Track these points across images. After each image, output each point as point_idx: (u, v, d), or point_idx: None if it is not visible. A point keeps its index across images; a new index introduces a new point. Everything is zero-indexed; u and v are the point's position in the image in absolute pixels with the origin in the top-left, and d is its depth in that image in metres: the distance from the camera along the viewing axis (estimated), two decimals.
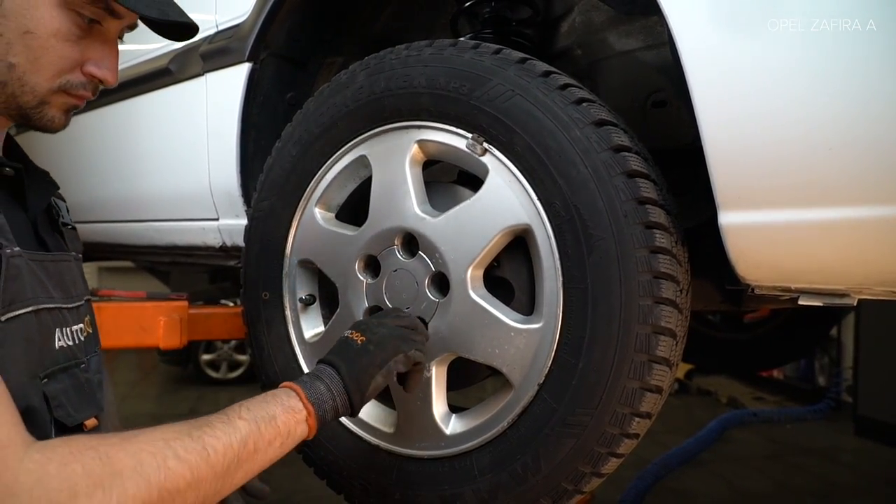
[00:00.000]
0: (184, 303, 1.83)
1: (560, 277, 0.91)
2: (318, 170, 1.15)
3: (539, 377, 0.92)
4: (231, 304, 2.18)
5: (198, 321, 1.85)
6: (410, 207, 1.03)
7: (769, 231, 0.81)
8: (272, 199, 1.21)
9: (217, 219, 1.61)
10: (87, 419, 0.86)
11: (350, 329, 0.95)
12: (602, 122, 0.91)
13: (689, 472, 3.58)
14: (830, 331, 3.82)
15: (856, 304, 0.88)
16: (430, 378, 1.02)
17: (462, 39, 1.17)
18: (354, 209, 1.17)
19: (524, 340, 0.94)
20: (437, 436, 1.03)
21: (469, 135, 0.99)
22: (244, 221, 1.37)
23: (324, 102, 1.15)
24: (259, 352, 1.24)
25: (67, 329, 0.86)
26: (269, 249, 1.22)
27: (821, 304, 0.87)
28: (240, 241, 1.39)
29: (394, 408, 1.10)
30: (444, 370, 1.04)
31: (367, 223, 1.09)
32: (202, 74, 1.54)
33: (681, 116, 1.24)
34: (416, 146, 1.05)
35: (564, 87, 0.94)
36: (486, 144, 0.97)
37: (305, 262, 1.19)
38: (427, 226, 1.01)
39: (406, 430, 1.06)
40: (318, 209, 1.16)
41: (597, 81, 1.34)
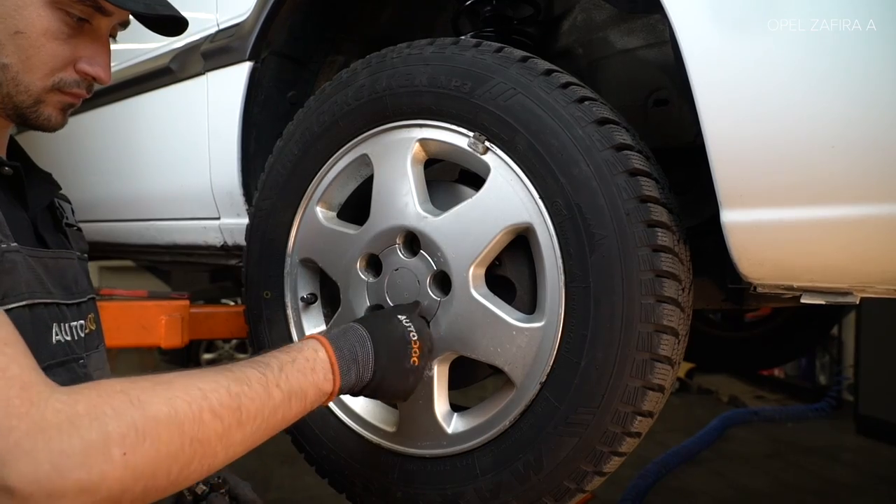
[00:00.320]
0: (185, 302, 1.83)
1: (562, 276, 0.91)
2: (320, 169, 1.15)
3: (541, 376, 0.92)
4: (232, 304, 2.18)
5: (199, 320, 1.85)
6: (412, 206, 1.03)
7: (771, 229, 0.80)
8: (273, 198, 1.21)
9: (218, 218, 1.61)
10: None
11: (393, 314, 0.96)
12: (604, 121, 0.91)
13: (690, 471, 3.57)
14: (831, 329, 3.82)
15: (858, 303, 0.88)
16: (432, 377, 1.02)
17: (463, 38, 1.16)
18: (356, 208, 1.17)
19: (526, 339, 0.94)
20: (439, 435, 1.03)
21: (471, 133, 0.99)
22: (245, 220, 1.37)
23: (325, 101, 1.15)
24: (260, 351, 1.24)
25: (66, 325, 0.86)
26: (271, 248, 1.22)
27: (823, 303, 0.87)
28: (241, 241, 1.39)
29: (395, 407, 1.10)
30: (446, 369, 1.04)
31: (369, 222, 1.09)
32: (203, 73, 1.54)
33: (682, 115, 1.24)
34: (418, 145, 1.05)
35: (566, 86, 0.94)
36: (488, 143, 0.97)
37: (307, 261, 1.19)
38: (428, 225, 1.01)
39: (408, 429, 1.06)
40: (320, 208, 1.16)
41: (598, 80, 1.34)
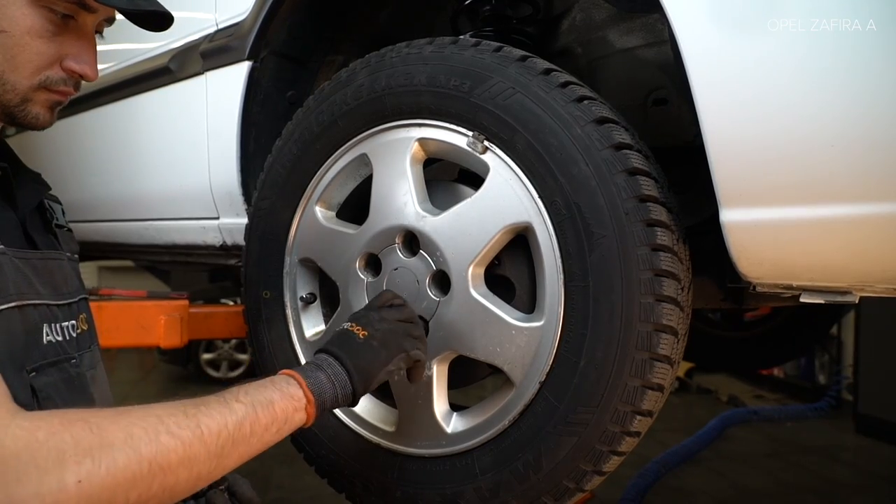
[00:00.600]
0: (184, 302, 1.83)
1: (561, 275, 0.91)
2: (319, 168, 1.15)
3: (540, 375, 0.92)
4: (231, 303, 2.18)
5: (198, 320, 1.85)
6: (411, 206, 1.03)
7: (771, 228, 0.80)
8: (273, 198, 1.21)
9: (217, 217, 1.61)
10: None
11: (349, 321, 0.93)
12: (603, 120, 0.91)
13: (690, 471, 3.57)
14: (831, 329, 3.82)
15: (857, 302, 0.88)
16: (432, 376, 1.02)
17: (463, 37, 1.16)
18: (355, 208, 1.16)
19: (525, 338, 0.94)
20: (439, 434, 1.03)
21: (470, 133, 0.98)
22: (244, 220, 1.37)
23: (324, 100, 1.15)
24: (260, 350, 1.24)
25: (56, 325, 0.86)
26: (270, 248, 1.22)
27: (822, 302, 0.87)
28: (240, 240, 1.39)
29: (395, 406, 1.10)
30: (446, 369, 1.04)
31: (368, 221, 1.09)
32: (202, 73, 1.54)
33: (681, 114, 1.24)
34: (417, 144, 1.04)
35: (565, 85, 0.93)
36: (487, 142, 0.97)
37: (306, 261, 1.19)
38: (428, 224, 1.01)
39: (407, 429, 1.06)
40: (319, 208, 1.16)
41: (597, 79, 1.34)
